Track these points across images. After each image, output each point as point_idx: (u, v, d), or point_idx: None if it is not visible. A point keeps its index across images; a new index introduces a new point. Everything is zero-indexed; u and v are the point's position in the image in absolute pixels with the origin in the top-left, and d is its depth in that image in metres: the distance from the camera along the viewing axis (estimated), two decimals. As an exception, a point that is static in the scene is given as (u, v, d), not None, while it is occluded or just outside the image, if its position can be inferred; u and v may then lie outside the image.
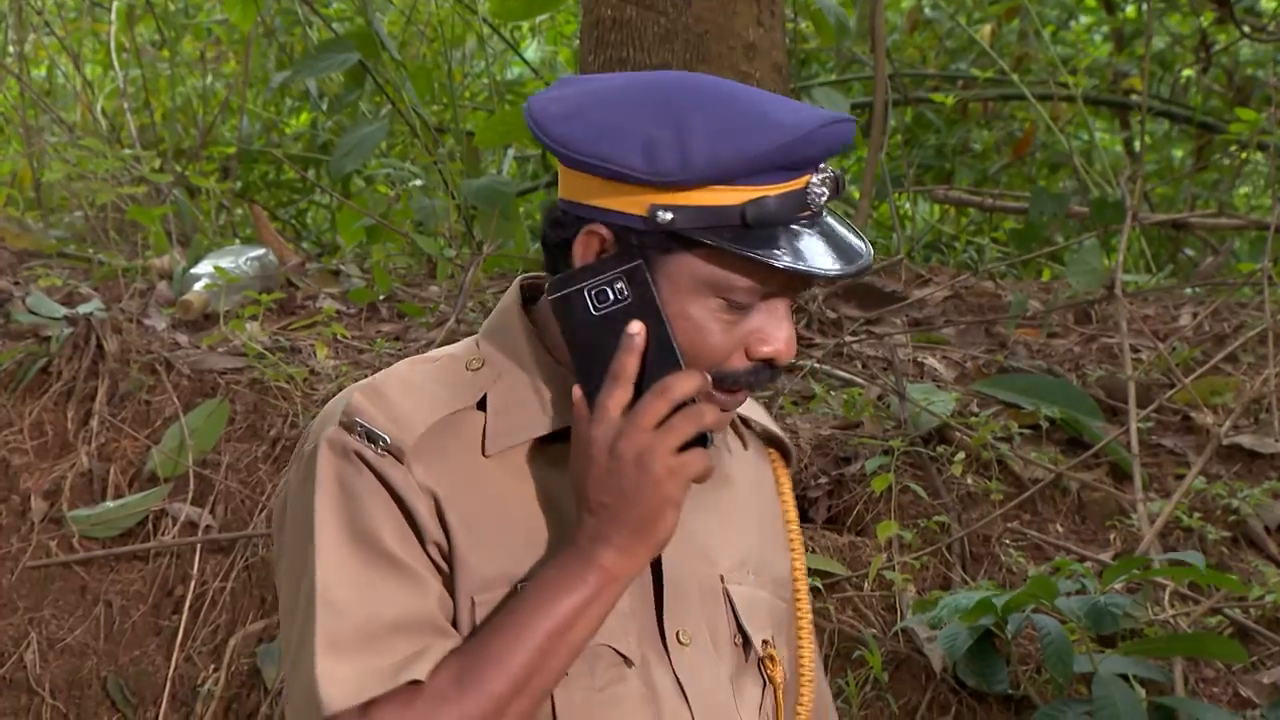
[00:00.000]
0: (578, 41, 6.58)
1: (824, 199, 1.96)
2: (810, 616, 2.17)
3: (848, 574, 4.08)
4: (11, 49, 7.32)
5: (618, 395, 1.95)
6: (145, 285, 5.10)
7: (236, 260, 5.22)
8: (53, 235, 5.92)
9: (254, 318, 4.85)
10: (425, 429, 2.00)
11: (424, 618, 1.98)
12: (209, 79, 7.69)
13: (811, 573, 4.01)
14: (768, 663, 2.11)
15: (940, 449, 4.36)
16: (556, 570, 1.97)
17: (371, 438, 1.99)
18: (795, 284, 1.98)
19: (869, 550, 4.13)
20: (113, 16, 7.34)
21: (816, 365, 4.74)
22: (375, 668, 1.96)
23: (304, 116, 7.77)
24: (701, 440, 1.94)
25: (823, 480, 4.34)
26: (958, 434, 4.37)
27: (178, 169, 6.52)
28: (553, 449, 2.03)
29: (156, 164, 5.82)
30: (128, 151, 6.19)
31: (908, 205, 7.29)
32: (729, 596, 2.08)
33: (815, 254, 1.94)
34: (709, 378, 1.95)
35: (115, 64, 7.18)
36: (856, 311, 5.21)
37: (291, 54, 7.35)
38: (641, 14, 5.29)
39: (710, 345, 1.97)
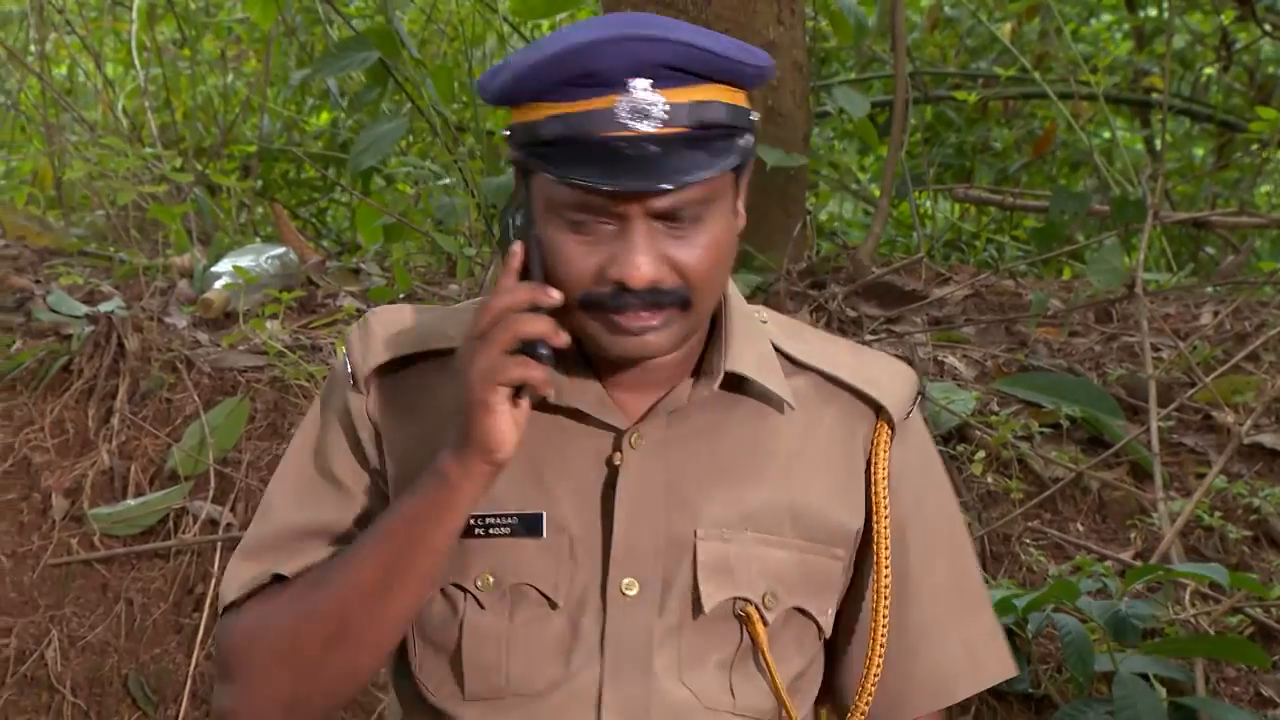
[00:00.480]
0: (598, 40, 6.57)
1: (653, 121, 1.94)
2: (887, 589, 2.13)
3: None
4: (33, 48, 7.33)
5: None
6: (166, 283, 5.11)
7: (257, 259, 5.23)
8: (74, 234, 5.94)
9: (274, 316, 4.86)
10: (383, 362, 2.12)
11: (335, 528, 2.10)
12: (230, 78, 7.70)
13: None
14: (747, 621, 2.08)
15: (960, 448, 4.35)
16: (417, 480, 2.04)
17: (349, 366, 2.14)
18: (621, 203, 1.95)
19: (889, 549, 4.13)
20: (134, 15, 7.35)
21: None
22: (267, 568, 2.11)
23: (324, 115, 7.77)
24: (534, 352, 1.96)
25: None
26: (978, 433, 4.37)
27: (198, 167, 6.53)
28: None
29: (177, 163, 5.82)
30: (149, 150, 6.20)
31: (928, 204, 7.29)
32: (695, 551, 2.07)
33: (600, 175, 1.93)
34: (550, 291, 1.96)
35: (136, 63, 7.19)
36: (876, 310, 5.21)
37: (312, 52, 7.36)
38: (661, 11, 5.29)
39: (566, 267, 1.99)
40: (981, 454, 4.30)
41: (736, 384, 2.11)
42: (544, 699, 2.06)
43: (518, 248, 2.01)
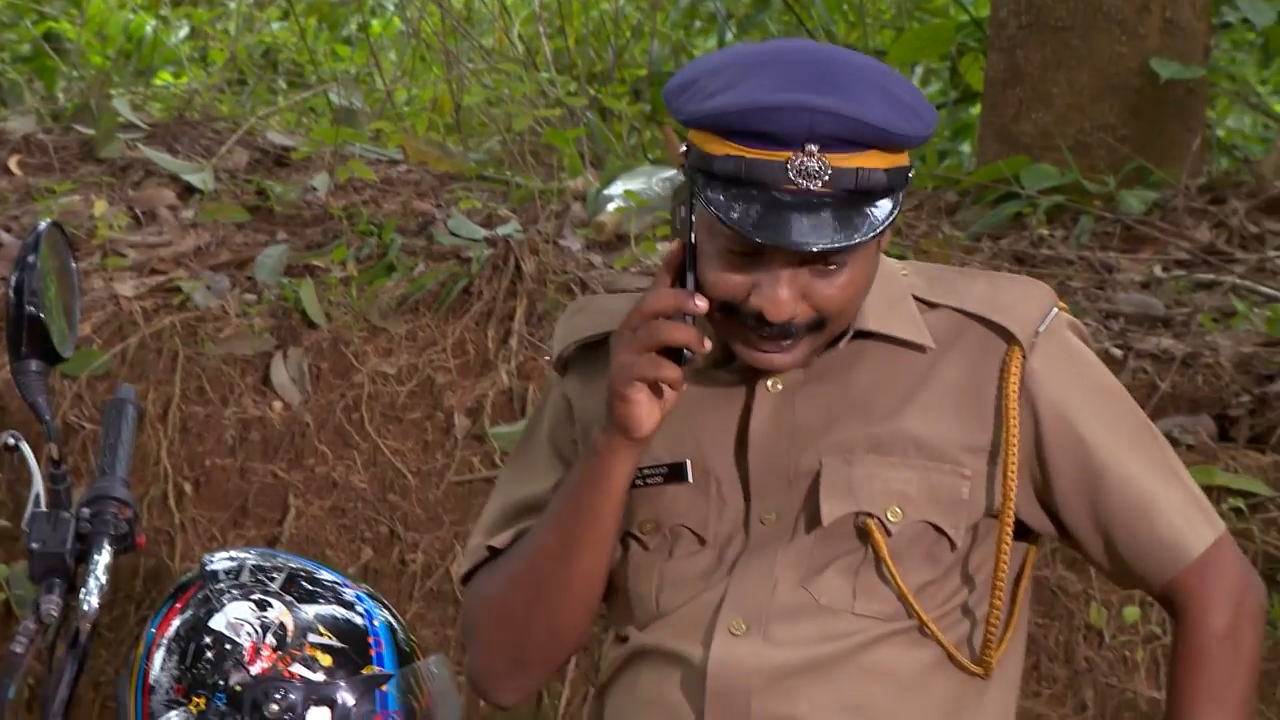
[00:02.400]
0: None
1: (816, 181, 2.13)
2: (1010, 527, 2.28)
3: (1272, 494, 3.98)
4: (432, -24, 7.49)
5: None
6: (560, 207, 5.19)
7: (648, 182, 5.28)
8: (472, 158, 6.06)
9: (665, 239, 4.91)
10: (575, 345, 2.37)
11: (546, 499, 2.34)
12: (621, 2, 7.78)
13: (1233, 493, 3.94)
14: (868, 533, 2.26)
15: (1373, 364, 4.22)
16: (583, 454, 2.30)
17: (553, 351, 2.41)
18: (768, 248, 2.15)
19: (1294, 470, 4.03)
20: (528, -58, 7.47)
21: (1237, 281, 4.62)
22: (483, 542, 2.38)
23: (711, 36, 7.81)
24: (678, 354, 2.18)
25: (1244, 399, 4.24)
26: (1390, 351, 4.23)
27: (591, 92, 6.62)
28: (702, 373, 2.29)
29: (571, 88, 5.90)
30: (543, 76, 6.30)
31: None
32: (818, 476, 2.26)
33: (759, 222, 2.13)
34: (695, 300, 2.18)
35: (531, -11, 7.30)
36: (1280, 226, 5.06)
37: (701, -24, 7.38)
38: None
39: (715, 279, 2.19)
40: (1394, 372, 4.16)
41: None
42: (677, 611, 2.30)
43: (676, 248, 2.22)
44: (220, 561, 2.36)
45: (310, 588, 2.31)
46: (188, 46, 7.78)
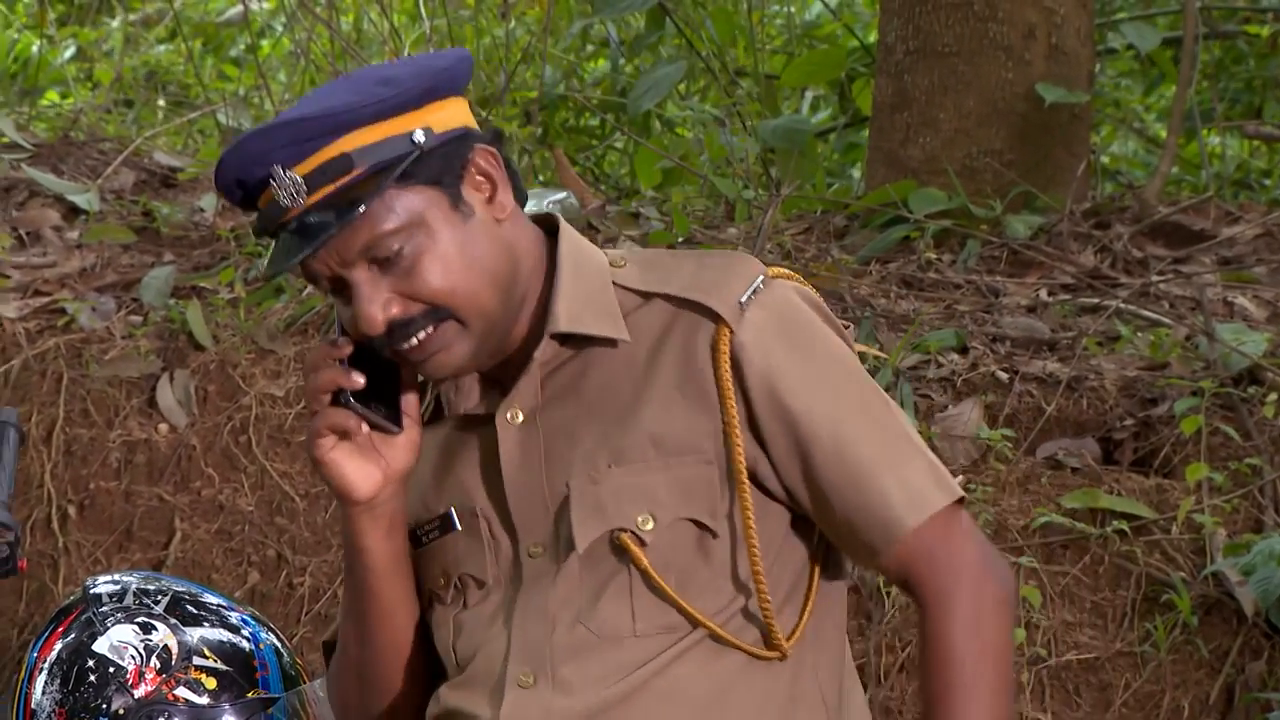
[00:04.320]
0: (877, -20, 6.52)
1: (301, 197, 2.16)
2: (748, 502, 2.25)
3: (1155, 517, 4.02)
4: (321, -2, 7.47)
5: None
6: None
7: (539, 203, 5.28)
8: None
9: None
10: None
11: None
12: (512, 25, 7.78)
13: (1117, 515, 3.97)
14: (625, 549, 2.23)
15: (1252, 390, 4.26)
16: None
17: None
18: (322, 269, 2.19)
19: (1177, 493, 4.06)
20: (417, -35, 7.45)
21: (1122, 305, 4.66)
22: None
23: (602, 61, 7.82)
24: (343, 399, 2.20)
25: (1129, 422, 4.27)
26: (1270, 375, 4.27)
27: (482, 114, 6.61)
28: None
29: (462, 110, 5.86)
30: (433, 98, 6.27)
31: (1216, 141, 7.13)
32: (566, 501, 2.24)
33: (274, 258, 2.18)
34: (337, 344, 2.22)
35: (421, 11, 7.29)
36: (1163, 250, 5.11)
37: (592, -1, 7.39)
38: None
39: (345, 320, 2.22)
40: (1274, 396, 4.21)
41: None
42: (471, 663, 2.27)
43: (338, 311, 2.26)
44: (104, 585, 2.34)
45: (195, 611, 2.30)
46: (74, 67, 7.71)
